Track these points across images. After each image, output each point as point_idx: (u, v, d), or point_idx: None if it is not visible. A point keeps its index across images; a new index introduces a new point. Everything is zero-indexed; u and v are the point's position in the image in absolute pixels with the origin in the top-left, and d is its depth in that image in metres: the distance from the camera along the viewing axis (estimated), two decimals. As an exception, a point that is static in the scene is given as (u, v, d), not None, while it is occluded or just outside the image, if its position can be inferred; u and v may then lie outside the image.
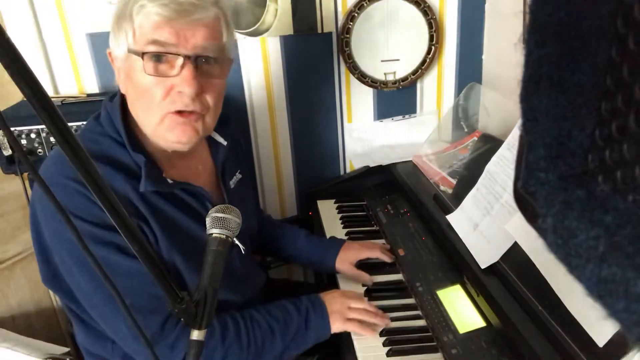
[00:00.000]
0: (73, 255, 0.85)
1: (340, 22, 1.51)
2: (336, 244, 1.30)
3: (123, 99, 0.94)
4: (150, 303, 0.87)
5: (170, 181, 0.92)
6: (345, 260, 1.27)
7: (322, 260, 1.29)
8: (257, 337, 0.97)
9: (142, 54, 0.84)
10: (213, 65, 0.90)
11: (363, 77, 1.58)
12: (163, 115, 0.88)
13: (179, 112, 0.88)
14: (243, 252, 0.86)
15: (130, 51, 0.86)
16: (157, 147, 0.94)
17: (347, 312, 1.06)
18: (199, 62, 0.87)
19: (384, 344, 1.02)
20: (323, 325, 1.04)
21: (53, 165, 0.88)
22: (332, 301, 1.08)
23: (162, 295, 0.88)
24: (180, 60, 0.85)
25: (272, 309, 1.03)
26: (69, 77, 1.44)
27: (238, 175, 1.12)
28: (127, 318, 0.60)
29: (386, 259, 1.28)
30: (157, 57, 0.85)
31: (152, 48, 0.84)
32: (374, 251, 1.28)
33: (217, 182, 1.09)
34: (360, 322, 1.06)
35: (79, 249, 0.83)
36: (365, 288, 1.21)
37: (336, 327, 1.05)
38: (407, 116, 1.69)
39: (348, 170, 1.74)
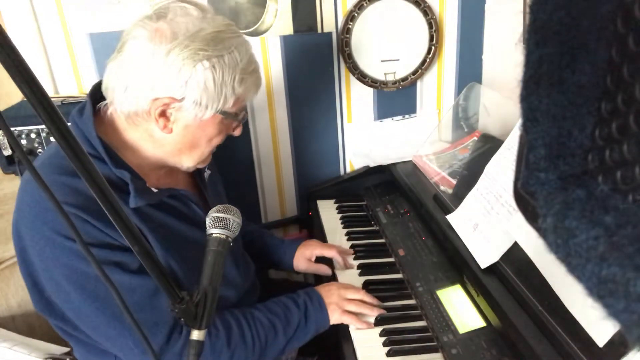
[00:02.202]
0: (72, 281, 0.84)
1: (340, 22, 1.51)
2: (295, 244, 1.34)
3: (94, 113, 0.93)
4: (154, 315, 0.88)
5: (155, 190, 0.93)
6: (301, 258, 1.31)
7: (281, 260, 1.33)
8: (261, 335, 0.99)
9: (238, 117, 0.96)
10: None
11: (363, 77, 1.58)
12: (210, 152, 0.99)
13: None
14: (231, 243, 0.87)
15: (223, 113, 0.92)
16: (137, 158, 0.94)
17: (344, 303, 1.09)
18: None
19: (384, 344, 1.02)
20: (322, 317, 1.07)
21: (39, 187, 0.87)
22: (329, 293, 1.10)
23: (165, 306, 0.89)
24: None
25: (271, 306, 1.05)
26: (69, 77, 1.43)
27: (207, 171, 1.13)
28: (136, 331, 0.60)
29: (340, 260, 1.29)
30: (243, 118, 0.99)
31: (242, 112, 0.97)
32: (331, 250, 1.30)
33: (193, 181, 1.12)
34: (357, 315, 1.08)
35: (78, 273, 0.84)
36: (362, 283, 1.21)
37: (334, 318, 1.07)
38: (407, 116, 1.69)
39: (348, 170, 1.74)
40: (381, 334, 1.05)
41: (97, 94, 0.94)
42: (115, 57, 0.87)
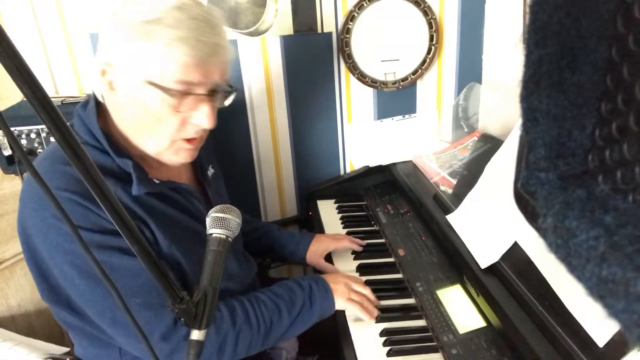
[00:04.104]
0: (76, 267, 0.84)
1: (340, 22, 1.51)
2: (307, 238, 1.36)
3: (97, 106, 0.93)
4: (161, 298, 0.87)
5: (156, 181, 0.93)
6: (315, 253, 1.33)
7: (294, 253, 1.35)
8: (265, 316, 0.99)
9: (169, 91, 0.85)
10: (221, 97, 0.93)
11: (363, 77, 1.58)
12: (173, 142, 0.91)
13: (187, 139, 0.92)
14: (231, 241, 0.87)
15: (151, 84, 0.84)
16: (139, 150, 0.94)
17: (349, 292, 1.10)
18: (213, 97, 0.90)
19: (384, 344, 1.02)
20: (327, 301, 1.08)
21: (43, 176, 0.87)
22: (336, 280, 1.12)
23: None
24: (201, 97, 0.88)
25: (276, 289, 1.06)
26: (69, 77, 1.44)
27: (211, 170, 1.14)
28: (126, 315, 0.60)
29: (355, 247, 1.34)
30: (181, 94, 0.86)
31: (179, 87, 0.85)
32: (343, 242, 1.34)
33: (195, 177, 1.12)
34: (361, 305, 1.09)
35: (82, 258, 0.84)
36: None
37: (339, 304, 1.09)
38: (407, 116, 1.69)
39: (348, 170, 1.74)
40: (381, 334, 1.05)
41: None
42: None
